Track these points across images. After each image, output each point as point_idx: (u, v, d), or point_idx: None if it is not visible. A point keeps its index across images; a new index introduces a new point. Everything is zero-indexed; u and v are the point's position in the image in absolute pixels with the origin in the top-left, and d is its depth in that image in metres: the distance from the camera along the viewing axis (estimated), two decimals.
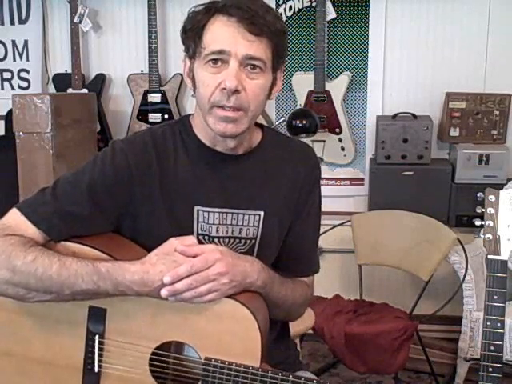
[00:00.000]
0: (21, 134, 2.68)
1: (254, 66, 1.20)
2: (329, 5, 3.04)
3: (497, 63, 3.06)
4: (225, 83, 1.18)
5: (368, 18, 3.11)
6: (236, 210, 1.31)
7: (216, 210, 1.30)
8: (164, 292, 1.16)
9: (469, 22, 3.05)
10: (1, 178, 2.89)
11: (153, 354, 1.22)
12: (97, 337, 1.22)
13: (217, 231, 1.30)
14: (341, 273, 3.18)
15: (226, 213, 1.30)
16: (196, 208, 1.29)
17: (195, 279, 1.16)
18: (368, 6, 3.10)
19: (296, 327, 2.14)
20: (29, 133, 2.67)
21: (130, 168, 1.25)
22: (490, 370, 1.29)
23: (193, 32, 1.22)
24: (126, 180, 1.25)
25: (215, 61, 1.19)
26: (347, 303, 2.77)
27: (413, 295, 2.78)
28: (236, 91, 1.18)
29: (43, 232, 1.23)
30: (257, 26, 1.18)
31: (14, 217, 1.24)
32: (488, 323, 1.31)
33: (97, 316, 1.22)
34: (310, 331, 2.46)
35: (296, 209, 1.37)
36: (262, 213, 1.32)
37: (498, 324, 1.30)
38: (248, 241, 1.33)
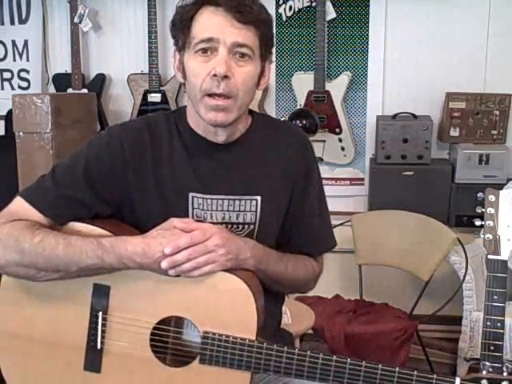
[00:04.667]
0: (21, 134, 2.68)
1: (242, 54, 1.23)
2: (329, 5, 3.05)
3: (497, 63, 3.06)
4: (215, 69, 1.21)
5: (368, 18, 3.11)
6: (232, 196, 1.32)
7: (211, 196, 1.31)
8: (164, 264, 1.19)
9: (469, 22, 3.05)
10: (1, 178, 2.89)
11: (154, 329, 1.24)
12: (100, 313, 1.25)
13: (211, 217, 1.32)
14: (341, 273, 3.18)
15: (222, 199, 1.32)
16: (191, 195, 1.31)
17: (194, 250, 1.19)
18: (368, 5, 3.10)
19: (296, 327, 2.15)
20: (29, 133, 2.67)
21: (125, 154, 1.29)
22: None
23: (181, 24, 1.25)
24: (120, 166, 1.29)
25: (204, 50, 1.22)
26: (347, 303, 2.77)
27: (413, 295, 2.77)
28: (225, 77, 1.21)
29: (49, 218, 1.27)
30: (244, 14, 1.21)
31: (20, 204, 1.29)
32: (488, 323, 1.31)
33: (101, 293, 1.26)
34: (310, 331, 2.46)
35: (293, 192, 1.38)
36: (258, 198, 1.34)
37: (498, 324, 1.30)
38: (246, 226, 1.34)
